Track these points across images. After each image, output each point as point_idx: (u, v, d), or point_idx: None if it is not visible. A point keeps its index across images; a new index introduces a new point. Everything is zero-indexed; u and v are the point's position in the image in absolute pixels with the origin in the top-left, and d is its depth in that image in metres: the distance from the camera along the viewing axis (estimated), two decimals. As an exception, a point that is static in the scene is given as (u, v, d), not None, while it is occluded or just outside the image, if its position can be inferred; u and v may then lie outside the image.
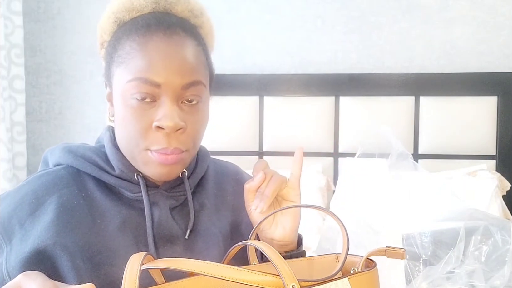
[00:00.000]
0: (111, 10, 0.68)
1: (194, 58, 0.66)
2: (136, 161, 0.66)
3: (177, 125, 0.62)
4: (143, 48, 0.63)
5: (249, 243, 0.53)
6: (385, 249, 0.53)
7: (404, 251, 0.53)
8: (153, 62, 0.62)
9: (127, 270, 0.47)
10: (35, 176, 0.68)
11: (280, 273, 0.45)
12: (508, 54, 1.90)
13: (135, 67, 0.62)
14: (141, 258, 0.49)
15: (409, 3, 1.95)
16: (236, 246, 0.57)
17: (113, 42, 0.67)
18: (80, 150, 0.69)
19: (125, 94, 0.63)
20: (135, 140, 0.64)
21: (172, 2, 0.68)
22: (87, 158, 0.68)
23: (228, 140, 1.95)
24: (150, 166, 0.65)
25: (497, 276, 0.95)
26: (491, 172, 1.67)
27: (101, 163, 0.68)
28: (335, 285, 0.47)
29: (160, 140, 0.63)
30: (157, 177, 0.66)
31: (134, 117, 0.63)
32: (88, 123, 2.14)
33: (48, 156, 0.72)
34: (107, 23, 0.68)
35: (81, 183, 0.67)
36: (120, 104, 0.65)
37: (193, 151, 0.68)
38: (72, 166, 0.68)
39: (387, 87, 1.89)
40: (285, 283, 0.44)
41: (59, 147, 0.71)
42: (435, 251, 1.02)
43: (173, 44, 0.64)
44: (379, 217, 1.04)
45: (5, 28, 1.98)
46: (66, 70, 2.14)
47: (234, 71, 2.00)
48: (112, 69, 0.66)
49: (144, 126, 0.63)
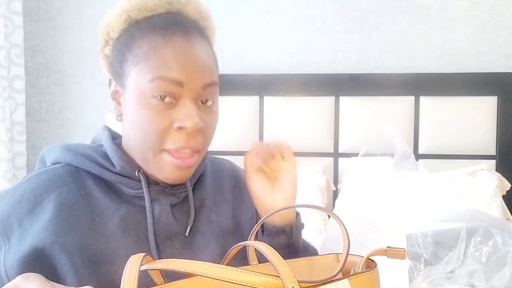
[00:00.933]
0: (122, 8, 0.66)
1: (210, 59, 0.67)
2: (149, 164, 0.65)
3: (198, 125, 0.62)
4: (164, 47, 0.63)
5: (249, 244, 0.52)
6: (385, 249, 0.53)
7: (404, 251, 0.53)
8: (176, 61, 0.62)
9: (126, 271, 0.47)
10: (33, 174, 0.67)
11: (280, 274, 0.45)
12: (508, 54, 1.90)
13: (156, 66, 0.62)
14: (140, 259, 0.48)
15: (409, 3, 1.95)
16: (235, 246, 0.57)
17: (125, 40, 0.66)
18: (79, 148, 0.69)
19: (145, 93, 0.62)
20: (151, 141, 0.63)
21: (184, 3, 0.68)
22: (86, 155, 0.68)
23: (228, 140, 1.94)
24: (165, 169, 0.64)
25: (497, 276, 0.96)
26: (491, 172, 1.67)
27: (100, 160, 0.68)
28: (336, 286, 0.46)
29: (179, 139, 0.63)
30: (170, 180, 0.65)
31: (154, 117, 0.62)
32: (88, 123, 2.14)
33: (46, 155, 0.72)
34: (118, 20, 0.67)
35: (80, 181, 0.66)
36: (136, 104, 0.64)
37: (203, 153, 0.69)
38: (71, 164, 0.68)
39: (387, 87, 1.89)
40: (285, 284, 0.44)
41: (57, 146, 0.70)
42: (436, 251, 1.02)
43: (192, 44, 0.64)
44: (383, 216, 1.04)
45: (5, 28, 1.98)
46: (66, 70, 2.14)
47: (234, 71, 2.00)
48: (125, 68, 0.65)
49: (164, 127, 0.62)
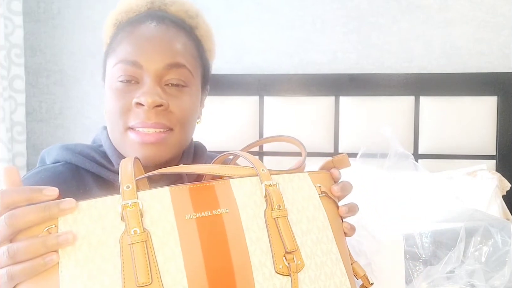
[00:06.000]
0: (112, 15, 0.71)
1: (180, 44, 0.68)
2: (121, 146, 0.67)
3: (155, 101, 0.63)
4: (130, 35, 0.66)
5: (231, 152, 0.62)
6: (331, 160, 0.64)
7: (346, 156, 0.63)
8: (135, 44, 0.65)
9: (121, 169, 0.52)
10: (33, 172, 0.68)
11: (252, 164, 0.56)
12: (508, 54, 1.90)
13: (121, 52, 0.65)
14: (132, 160, 0.53)
15: (409, 3, 1.95)
16: (220, 156, 0.64)
17: (111, 42, 0.70)
18: (78, 147, 0.70)
19: (112, 79, 0.66)
20: (116, 121, 0.65)
21: (167, 3, 0.71)
22: (85, 154, 0.69)
23: (228, 140, 1.95)
24: (131, 147, 0.65)
25: (497, 276, 0.95)
26: (491, 172, 1.67)
27: (99, 159, 0.68)
28: (297, 176, 0.59)
29: (138, 115, 0.64)
30: (142, 160, 0.64)
31: (117, 97, 0.65)
32: (88, 123, 2.14)
33: (45, 155, 0.72)
34: (109, 27, 0.72)
35: (79, 179, 0.67)
36: (107, 92, 0.67)
37: (180, 134, 0.68)
38: (71, 163, 0.68)
39: (387, 87, 1.89)
40: (256, 170, 0.55)
41: (56, 146, 0.71)
42: (435, 251, 1.02)
43: (159, 30, 0.67)
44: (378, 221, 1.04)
45: (5, 28, 1.98)
46: (66, 70, 2.14)
47: (234, 71, 2.00)
48: (105, 63, 0.70)
49: (124, 105, 0.64)
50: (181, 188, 0.51)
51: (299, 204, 0.56)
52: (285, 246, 0.51)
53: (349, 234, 0.61)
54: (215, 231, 0.49)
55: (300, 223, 0.54)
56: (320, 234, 0.55)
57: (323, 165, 0.65)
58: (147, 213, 0.48)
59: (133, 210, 0.47)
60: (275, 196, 0.53)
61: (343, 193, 0.61)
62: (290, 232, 0.52)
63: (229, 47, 2.02)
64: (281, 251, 0.51)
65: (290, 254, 0.51)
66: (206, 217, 0.50)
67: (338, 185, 0.60)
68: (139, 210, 0.47)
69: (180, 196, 0.50)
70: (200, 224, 0.49)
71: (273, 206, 0.53)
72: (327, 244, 0.55)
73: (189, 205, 0.50)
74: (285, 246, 0.51)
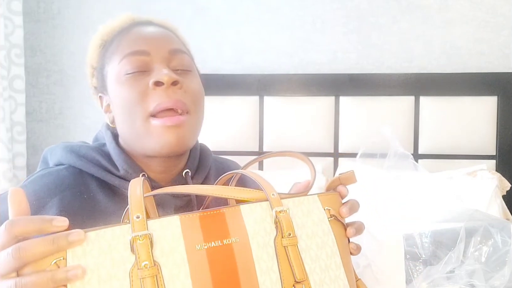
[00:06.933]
0: (97, 37, 0.73)
1: (174, 36, 0.72)
2: (142, 137, 0.65)
3: (172, 77, 0.64)
4: (128, 34, 0.68)
5: (238, 172, 0.61)
6: (338, 177, 0.63)
7: (353, 172, 0.62)
8: (138, 37, 0.68)
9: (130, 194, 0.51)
10: (37, 175, 0.67)
11: (262, 187, 0.56)
12: (508, 54, 1.90)
13: (123, 49, 0.67)
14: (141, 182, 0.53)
15: (408, 3, 1.95)
16: (226, 174, 0.63)
17: (102, 58, 0.71)
18: (82, 150, 0.69)
19: (119, 76, 0.66)
20: (134, 108, 0.64)
21: (149, 18, 0.74)
22: (90, 158, 0.68)
23: (228, 140, 1.95)
24: (155, 134, 0.64)
25: (497, 276, 0.95)
26: (491, 172, 1.67)
27: (104, 163, 0.67)
28: (307, 199, 0.58)
29: (159, 96, 0.64)
30: (166, 148, 0.64)
31: (131, 86, 0.65)
32: (88, 123, 2.14)
33: (48, 155, 0.71)
34: (95, 49, 0.73)
35: (83, 184, 0.66)
36: (115, 88, 0.67)
37: (195, 117, 0.68)
38: (75, 166, 0.68)
39: (387, 87, 1.89)
40: (267, 194, 0.55)
41: (60, 146, 0.70)
42: (435, 251, 1.02)
43: (154, 27, 0.71)
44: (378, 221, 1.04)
45: (5, 28, 1.97)
46: (66, 70, 2.14)
47: (233, 71, 2.00)
48: (105, 73, 0.70)
49: (142, 90, 0.64)
50: (191, 217, 0.51)
51: (308, 229, 0.56)
52: (294, 275, 0.51)
53: (355, 254, 0.61)
54: (225, 262, 0.49)
55: (309, 249, 0.54)
56: (329, 261, 0.55)
57: (330, 183, 0.64)
58: (157, 244, 0.48)
59: (144, 242, 0.47)
60: (285, 223, 0.53)
61: (351, 213, 0.61)
62: (299, 261, 0.52)
63: (229, 47, 2.02)
64: (291, 280, 0.51)
65: (300, 283, 0.51)
66: (216, 247, 0.50)
67: (346, 206, 0.60)
68: (149, 242, 0.47)
69: (190, 225, 0.50)
70: (210, 254, 0.49)
71: (283, 234, 0.52)
72: (335, 271, 0.55)
73: (199, 235, 0.50)
74: (295, 275, 0.51)
